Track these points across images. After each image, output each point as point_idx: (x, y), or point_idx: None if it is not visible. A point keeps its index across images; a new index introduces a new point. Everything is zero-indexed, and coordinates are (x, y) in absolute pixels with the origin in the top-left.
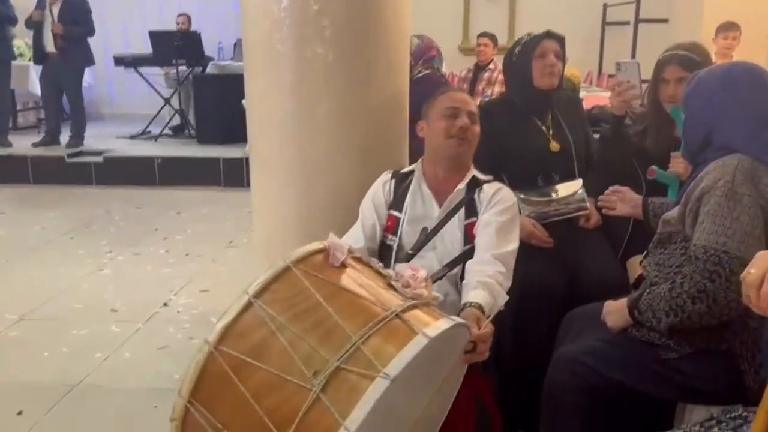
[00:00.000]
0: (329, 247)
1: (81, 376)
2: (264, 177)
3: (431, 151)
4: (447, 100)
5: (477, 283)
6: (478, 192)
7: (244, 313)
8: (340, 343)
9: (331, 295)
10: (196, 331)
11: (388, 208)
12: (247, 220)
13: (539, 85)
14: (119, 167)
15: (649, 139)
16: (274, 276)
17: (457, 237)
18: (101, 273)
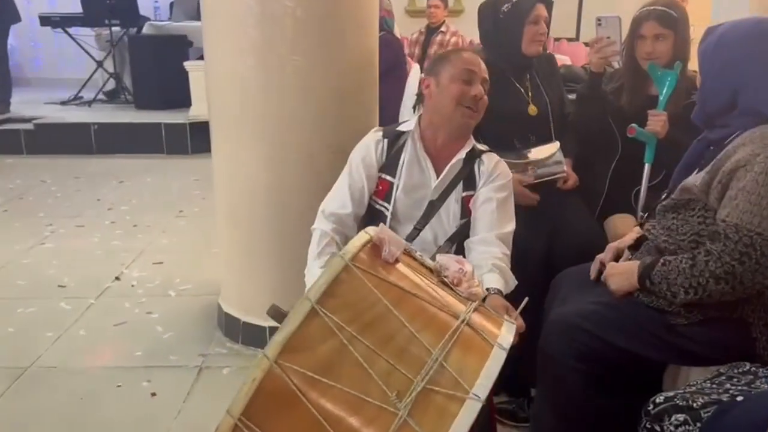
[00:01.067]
0: (383, 240)
1: (32, 358)
2: (226, 140)
3: (436, 114)
4: (462, 61)
5: (491, 266)
6: (478, 164)
7: (308, 321)
8: (420, 359)
9: (397, 301)
10: (154, 305)
11: (378, 171)
12: (194, 188)
13: (527, 52)
14: (52, 135)
15: (624, 96)
16: (334, 277)
17: (454, 210)
18: (43, 247)
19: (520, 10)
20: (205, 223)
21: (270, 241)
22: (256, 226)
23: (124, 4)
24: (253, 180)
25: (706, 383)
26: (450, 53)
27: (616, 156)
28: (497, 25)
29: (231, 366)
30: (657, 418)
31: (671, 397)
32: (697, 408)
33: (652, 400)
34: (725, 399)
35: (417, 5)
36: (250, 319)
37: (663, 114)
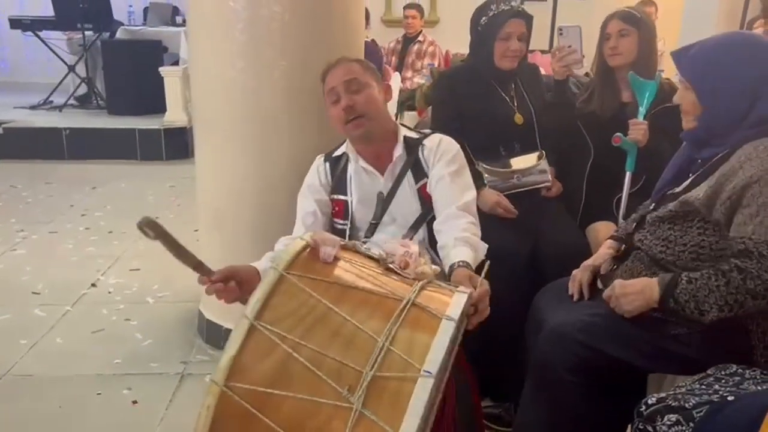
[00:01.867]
0: (317, 242)
1: (8, 366)
2: (211, 144)
3: (346, 135)
4: (326, 84)
5: (455, 240)
6: (421, 150)
7: (249, 339)
8: (367, 349)
9: (338, 298)
10: (132, 312)
11: (330, 194)
12: (170, 194)
13: (500, 66)
14: (22, 139)
15: (596, 101)
16: (270, 290)
17: (413, 203)
18: (15, 253)
19: (493, 25)
20: (182, 229)
21: (254, 246)
22: (240, 230)
23: (98, 8)
24: (237, 183)
25: (695, 384)
26: (323, 80)
27: (589, 161)
28: (477, 37)
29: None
30: (649, 419)
31: (663, 398)
32: (689, 408)
33: (644, 401)
34: (716, 399)
35: (393, 15)
36: (232, 325)
37: (644, 123)
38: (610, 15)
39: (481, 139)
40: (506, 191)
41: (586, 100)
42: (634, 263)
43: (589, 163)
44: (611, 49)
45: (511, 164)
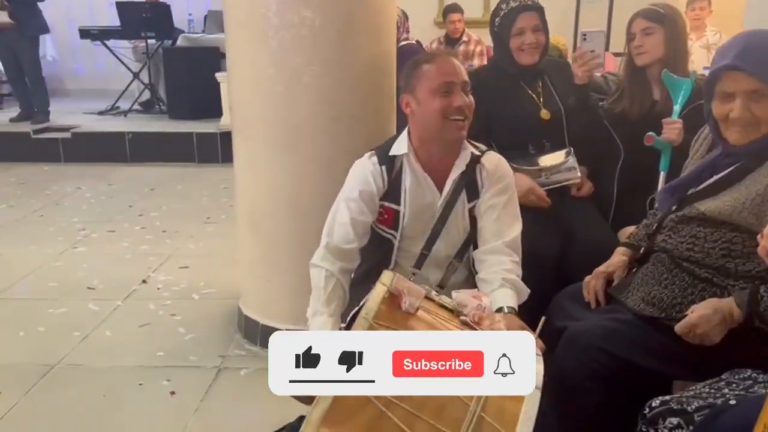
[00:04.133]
0: (402, 292)
1: (60, 356)
2: (247, 148)
3: (424, 131)
4: (437, 73)
5: (502, 281)
6: (479, 169)
7: None
8: (459, 414)
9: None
10: (178, 307)
11: (380, 199)
12: (223, 195)
13: (521, 62)
14: (88, 143)
15: (625, 100)
16: None
17: (461, 223)
18: (75, 251)
19: (507, 23)
20: (231, 229)
21: (289, 246)
22: (275, 231)
23: (160, 17)
24: (272, 187)
25: (705, 388)
26: (422, 64)
27: (619, 161)
28: (495, 38)
29: (249, 367)
30: (652, 421)
31: (667, 401)
32: (691, 411)
33: (648, 404)
34: (719, 403)
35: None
36: (269, 322)
37: (678, 122)
38: (635, 14)
39: (510, 138)
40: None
41: (616, 99)
42: (655, 266)
43: (619, 164)
44: (636, 48)
45: (539, 162)
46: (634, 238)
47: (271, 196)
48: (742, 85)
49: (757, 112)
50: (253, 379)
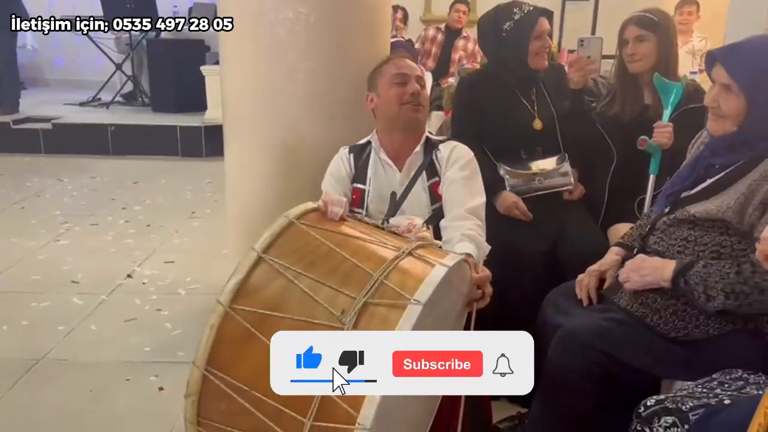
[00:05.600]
0: (326, 202)
1: (44, 350)
2: (238, 143)
3: (386, 120)
4: (393, 67)
5: (461, 236)
6: (436, 153)
7: (256, 268)
8: (362, 282)
9: (340, 243)
10: (164, 302)
11: (351, 182)
12: (207, 190)
13: (534, 66)
14: (70, 135)
15: (617, 104)
16: (279, 231)
17: (423, 199)
18: (58, 244)
19: (524, 27)
20: (216, 224)
21: None
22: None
23: (144, 8)
24: (263, 183)
25: (698, 388)
26: (381, 65)
27: (612, 165)
28: (501, 43)
29: None
30: (647, 420)
31: (662, 400)
32: (686, 411)
33: (643, 402)
34: (714, 403)
35: (433, 14)
36: None
37: (669, 125)
38: (627, 20)
39: (502, 143)
40: (527, 194)
41: (608, 103)
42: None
43: (612, 167)
44: (630, 56)
45: (533, 167)
46: (628, 238)
47: (262, 192)
48: (720, 77)
49: (723, 106)
50: None
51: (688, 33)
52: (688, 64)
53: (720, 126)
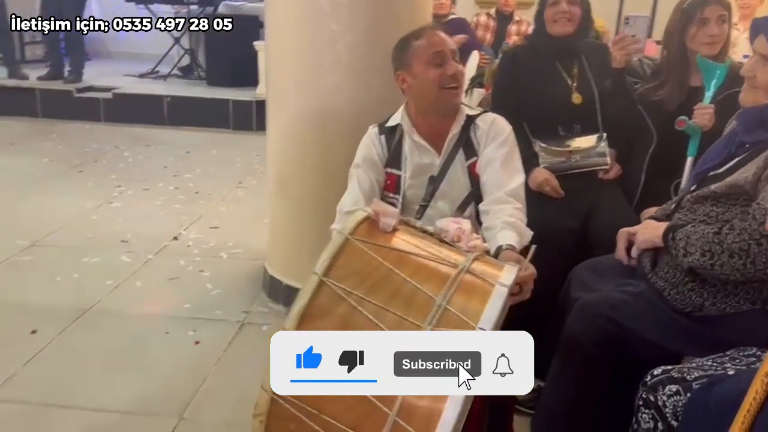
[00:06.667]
0: (377, 213)
1: (93, 302)
2: (279, 114)
3: (422, 101)
4: (428, 45)
5: (502, 224)
6: (474, 129)
7: (318, 293)
8: (425, 307)
9: (398, 261)
10: (206, 264)
11: (385, 166)
12: (255, 162)
13: (551, 31)
14: (128, 104)
15: (667, 88)
16: (337, 251)
17: (462, 180)
18: (111, 206)
19: None
20: (261, 195)
21: (315, 211)
22: (303, 196)
23: None
24: (301, 153)
25: (708, 362)
26: (412, 41)
27: (651, 147)
28: (536, 15)
29: (270, 323)
30: (652, 388)
31: (668, 370)
32: (690, 380)
33: (650, 372)
34: (718, 374)
35: None
36: (292, 282)
37: (710, 107)
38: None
39: (540, 119)
40: (562, 171)
41: (655, 87)
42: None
43: (651, 149)
44: (711, 36)
45: (570, 144)
46: (658, 213)
47: (300, 162)
48: (761, 47)
49: (759, 76)
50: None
51: (749, 17)
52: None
53: (752, 97)
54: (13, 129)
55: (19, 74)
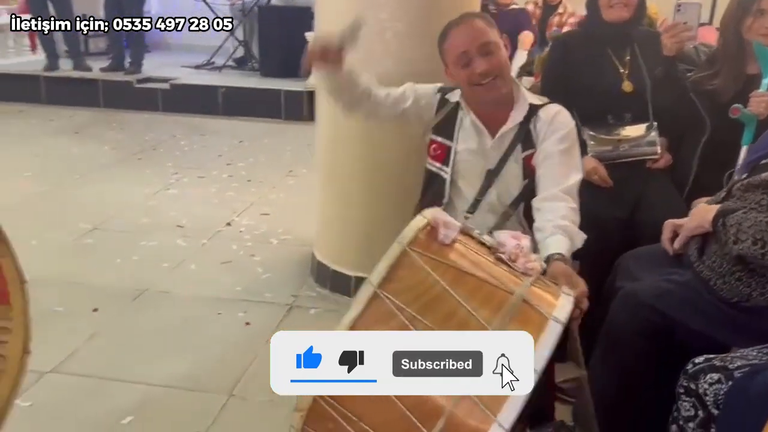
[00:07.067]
0: (437, 224)
1: (149, 283)
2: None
3: (465, 94)
4: (452, 47)
5: (554, 227)
6: (534, 121)
7: (371, 304)
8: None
9: (454, 281)
10: (257, 249)
11: (432, 132)
12: (305, 152)
13: (607, 17)
14: (185, 95)
15: (721, 77)
16: (395, 262)
17: (515, 171)
18: (168, 192)
19: None
20: (311, 183)
21: (362, 199)
22: (351, 184)
23: None
24: (349, 142)
25: (753, 352)
26: (443, 38)
27: (704, 137)
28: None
29: (318, 307)
30: (693, 377)
31: (710, 359)
32: (732, 369)
33: (692, 360)
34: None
35: None
36: (339, 268)
37: (766, 94)
38: None
39: (589, 107)
40: (610, 160)
41: (711, 76)
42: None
43: (704, 139)
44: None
45: (619, 133)
46: (709, 202)
47: (348, 150)
48: None
49: None
50: (320, 318)
51: None
52: None
53: None
54: (78, 118)
55: (83, 66)
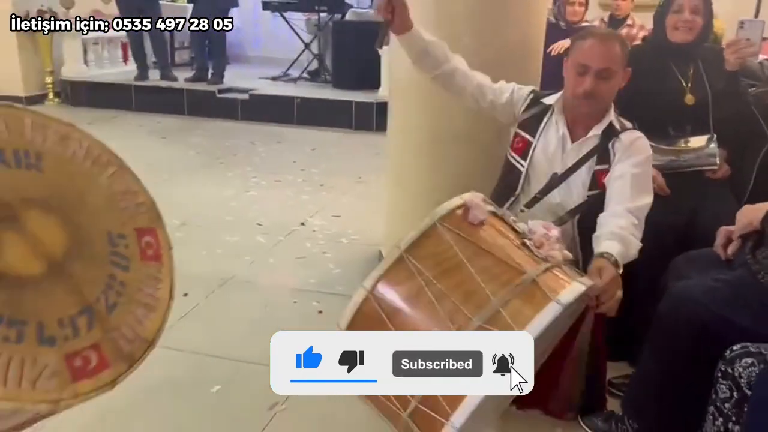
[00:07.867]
0: (469, 205)
1: (233, 273)
2: (399, 111)
3: (566, 95)
4: (580, 52)
5: (610, 233)
6: (614, 141)
7: (397, 265)
8: (481, 303)
9: (473, 256)
10: (329, 247)
11: (518, 126)
12: (374, 159)
13: (672, 38)
14: (262, 105)
15: None
16: (423, 233)
17: (584, 181)
18: (247, 194)
19: (667, 1)
20: (378, 189)
21: (429, 200)
22: (418, 189)
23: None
24: (418, 146)
25: None
26: (578, 38)
27: (764, 149)
28: (656, 16)
29: None
30: (730, 362)
31: (747, 346)
32: (766, 353)
33: (729, 348)
34: None
35: None
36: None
37: None
38: None
39: (651, 118)
40: (669, 170)
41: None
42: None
43: (764, 151)
44: None
45: (680, 144)
46: None
47: (417, 154)
48: None
49: None
50: None
51: None
52: None
53: None
54: (164, 124)
55: (169, 76)
